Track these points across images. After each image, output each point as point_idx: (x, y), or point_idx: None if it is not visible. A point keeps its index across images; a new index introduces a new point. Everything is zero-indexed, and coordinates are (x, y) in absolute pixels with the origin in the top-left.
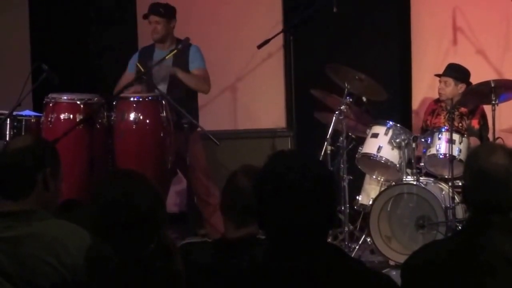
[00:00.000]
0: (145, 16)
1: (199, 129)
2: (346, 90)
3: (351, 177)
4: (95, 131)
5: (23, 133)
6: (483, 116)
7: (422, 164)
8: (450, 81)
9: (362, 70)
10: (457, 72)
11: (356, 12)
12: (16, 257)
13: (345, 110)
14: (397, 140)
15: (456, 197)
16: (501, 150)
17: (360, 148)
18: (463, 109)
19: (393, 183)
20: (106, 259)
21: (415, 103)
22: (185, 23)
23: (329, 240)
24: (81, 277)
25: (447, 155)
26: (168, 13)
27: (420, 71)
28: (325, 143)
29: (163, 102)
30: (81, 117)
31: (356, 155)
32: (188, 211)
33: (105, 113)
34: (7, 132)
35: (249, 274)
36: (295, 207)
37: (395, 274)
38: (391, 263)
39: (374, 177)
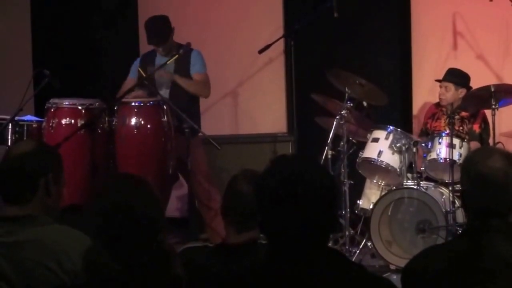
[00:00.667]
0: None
1: (200, 133)
2: (346, 94)
3: (351, 182)
4: (96, 136)
5: (24, 138)
6: (485, 120)
7: (423, 168)
8: (451, 86)
9: (363, 75)
10: (457, 77)
11: (357, 17)
12: (17, 262)
13: (345, 114)
14: (398, 145)
15: (456, 201)
16: (497, 153)
17: (360, 152)
18: (464, 113)
19: (394, 187)
20: (106, 264)
21: (416, 108)
22: (187, 28)
23: (330, 244)
24: (80, 281)
25: (448, 159)
26: (169, 29)
27: (420, 75)
28: (326, 147)
29: (164, 107)
30: (83, 122)
31: (357, 160)
32: (190, 215)
33: (107, 118)
34: (9, 137)
35: (250, 279)
36: (296, 212)
37: (395, 278)
38: (392, 267)
39: (374, 181)
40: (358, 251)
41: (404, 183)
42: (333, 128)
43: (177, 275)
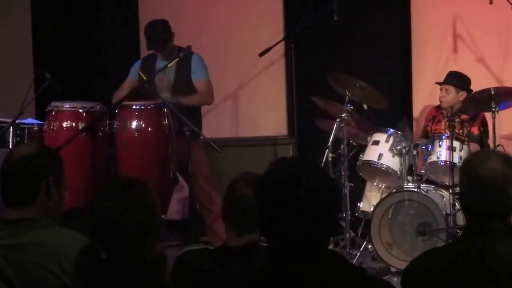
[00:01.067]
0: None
1: (201, 136)
2: (347, 97)
3: (352, 184)
4: (97, 139)
5: (25, 141)
6: (484, 123)
7: (423, 171)
8: (451, 89)
9: (363, 78)
10: (458, 80)
11: (357, 20)
12: (19, 264)
13: (346, 117)
14: (398, 147)
15: (456, 204)
16: (495, 155)
17: (361, 155)
18: (464, 116)
19: (394, 190)
20: (101, 268)
21: (416, 111)
22: (187, 31)
23: (330, 247)
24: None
25: (448, 162)
26: (168, 35)
27: (420, 78)
28: (326, 150)
29: (165, 110)
30: (84, 125)
31: (357, 162)
32: (190, 218)
33: (107, 121)
34: (10, 140)
35: (251, 282)
36: (296, 214)
37: (396, 281)
38: (392, 269)
39: (375, 184)
40: (358, 254)
41: (405, 186)
42: (333, 131)
43: (164, 283)
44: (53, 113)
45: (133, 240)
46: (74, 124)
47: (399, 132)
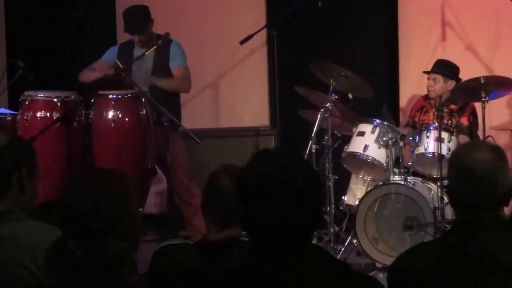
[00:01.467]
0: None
1: (180, 127)
2: (331, 87)
3: (336, 177)
4: (72, 130)
5: None
6: (473, 113)
7: (410, 163)
8: (439, 78)
9: (348, 67)
10: (446, 69)
11: (341, 7)
12: None
13: (330, 107)
14: (384, 139)
15: (445, 197)
16: (484, 146)
17: (346, 146)
18: (453, 106)
19: (380, 182)
20: (71, 262)
21: (403, 101)
22: (165, 17)
23: (314, 241)
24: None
25: (436, 153)
26: (148, 19)
27: (407, 67)
28: (310, 141)
29: (143, 100)
30: (58, 115)
31: (342, 154)
32: (169, 212)
33: (83, 111)
34: None
35: (232, 277)
36: (279, 207)
37: (382, 277)
38: (378, 265)
39: (360, 176)
40: (343, 249)
41: (391, 178)
42: (317, 121)
43: (128, 283)
44: (26, 102)
45: (105, 235)
46: (48, 114)
47: (385, 123)
